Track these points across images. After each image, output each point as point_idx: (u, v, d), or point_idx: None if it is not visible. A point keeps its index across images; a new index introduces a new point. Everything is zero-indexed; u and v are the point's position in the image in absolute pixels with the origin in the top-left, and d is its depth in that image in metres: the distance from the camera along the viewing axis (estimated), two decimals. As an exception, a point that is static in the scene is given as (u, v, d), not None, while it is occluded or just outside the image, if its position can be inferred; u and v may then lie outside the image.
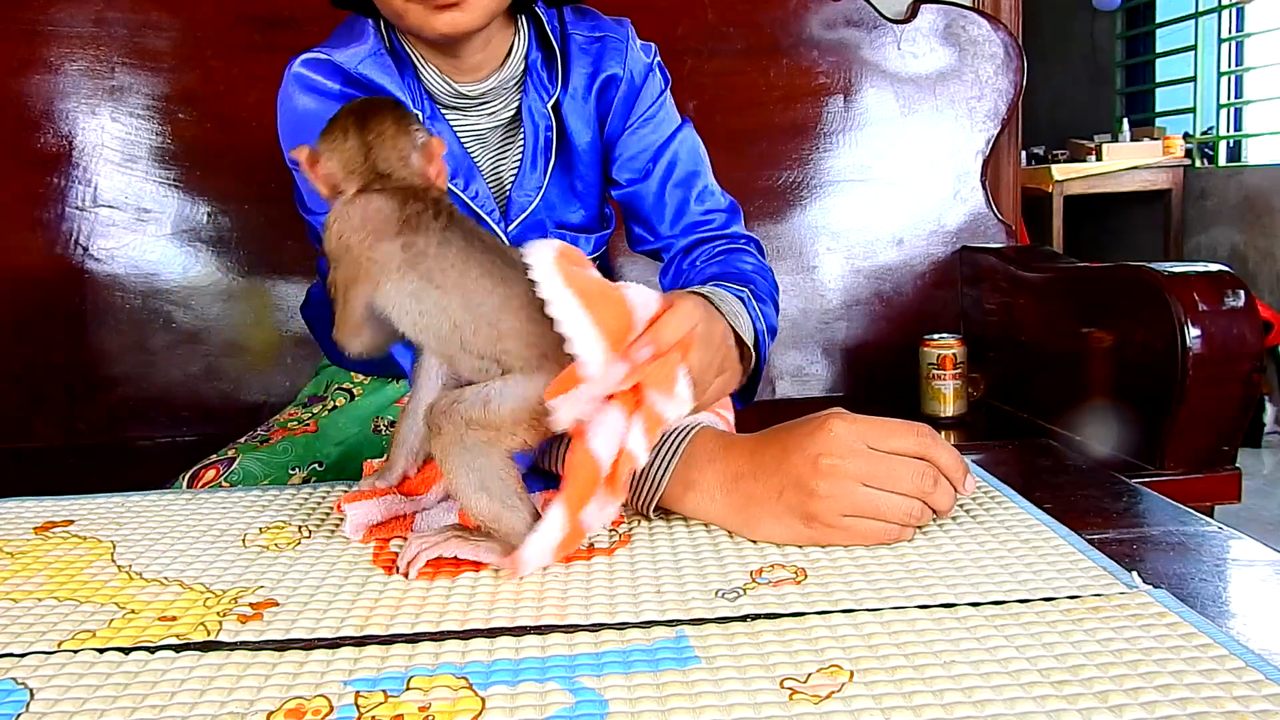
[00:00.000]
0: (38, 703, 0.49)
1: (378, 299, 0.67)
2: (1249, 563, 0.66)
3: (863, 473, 0.65)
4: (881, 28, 1.86)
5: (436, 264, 0.66)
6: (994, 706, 0.46)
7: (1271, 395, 3.31)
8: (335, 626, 0.57)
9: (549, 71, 0.98)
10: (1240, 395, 1.33)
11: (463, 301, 0.66)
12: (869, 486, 0.65)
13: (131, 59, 1.67)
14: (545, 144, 0.99)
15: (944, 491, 0.66)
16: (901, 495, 0.66)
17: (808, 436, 0.67)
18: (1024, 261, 1.73)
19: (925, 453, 0.66)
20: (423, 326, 0.67)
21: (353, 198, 0.67)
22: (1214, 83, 4.46)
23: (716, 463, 0.70)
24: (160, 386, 1.68)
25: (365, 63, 0.93)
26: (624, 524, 0.73)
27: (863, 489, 0.65)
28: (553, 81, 0.98)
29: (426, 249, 0.66)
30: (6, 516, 0.78)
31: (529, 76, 0.98)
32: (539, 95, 0.98)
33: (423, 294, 0.66)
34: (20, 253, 1.66)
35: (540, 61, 0.98)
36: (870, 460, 0.65)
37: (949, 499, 0.67)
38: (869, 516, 0.66)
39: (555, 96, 0.98)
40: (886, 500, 0.65)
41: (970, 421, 1.66)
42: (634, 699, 0.47)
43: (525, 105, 0.98)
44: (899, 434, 0.66)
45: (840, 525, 0.66)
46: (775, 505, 0.67)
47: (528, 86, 0.98)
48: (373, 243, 0.66)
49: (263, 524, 0.76)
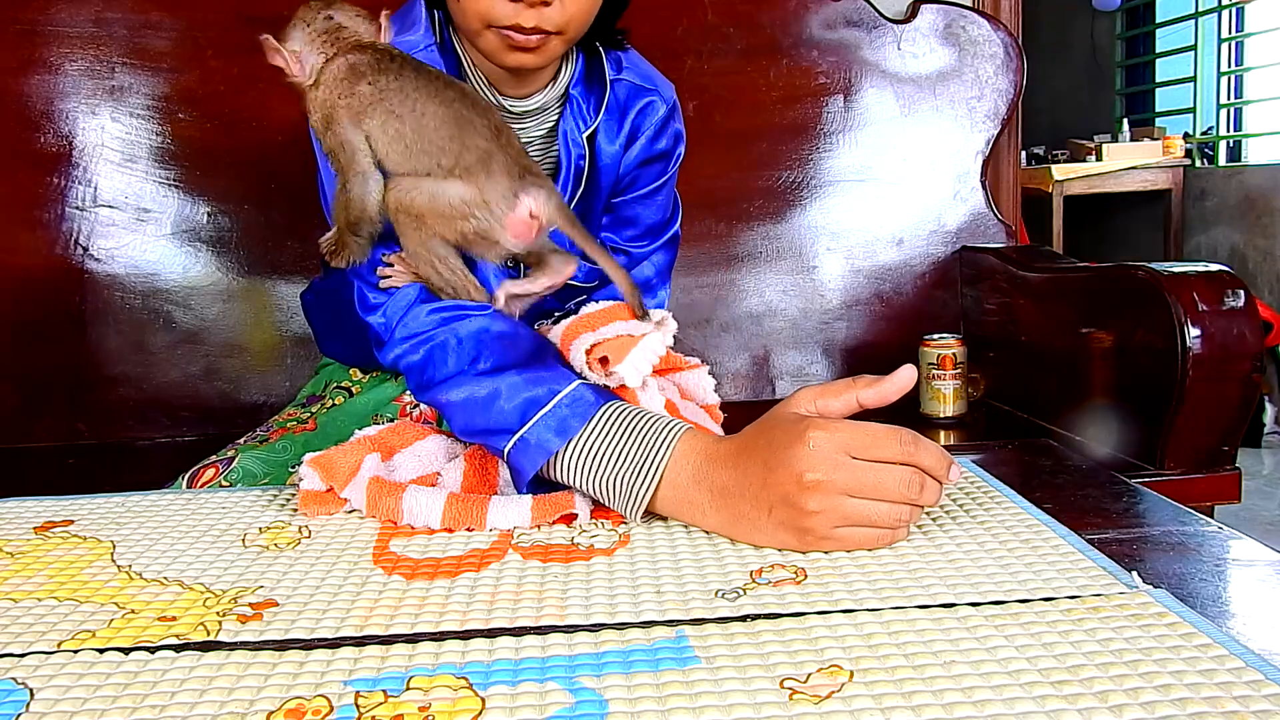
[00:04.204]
0: (38, 703, 0.49)
1: (360, 141, 0.83)
2: (1249, 563, 0.66)
3: (850, 485, 0.65)
4: (881, 28, 1.86)
5: (396, 97, 0.82)
6: (994, 706, 0.46)
7: (1271, 395, 3.31)
8: (335, 626, 0.57)
9: (588, 103, 1.00)
10: (1240, 395, 1.33)
11: (414, 125, 0.82)
12: (857, 497, 0.65)
13: (131, 59, 1.67)
14: (578, 170, 1.01)
15: (931, 490, 0.66)
16: (890, 502, 0.66)
17: (788, 450, 0.66)
18: (1024, 261, 1.73)
19: (909, 458, 0.66)
20: (389, 153, 0.83)
21: (327, 64, 0.85)
22: (1214, 83, 4.47)
23: (703, 480, 0.70)
24: (160, 386, 1.68)
25: (413, 53, 0.93)
26: (623, 525, 0.73)
27: (851, 501, 0.65)
28: (593, 112, 1.00)
29: (389, 85, 0.83)
30: (6, 516, 0.78)
31: (569, 105, 0.99)
32: (576, 123, 0.99)
33: (387, 124, 0.82)
34: (20, 253, 1.66)
35: (583, 92, 1.00)
36: (855, 471, 0.65)
37: (936, 495, 0.67)
38: (860, 525, 0.66)
39: (592, 128, 1.00)
40: (875, 509, 0.65)
41: (970, 421, 1.66)
42: (634, 699, 0.47)
43: (562, 129, 0.99)
44: (881, 442, 0.66)
45: (834, 536, 0.66)
46: (766, 522, 0.67)
47: (566, 113, 0.99)
48: (349, 89, 0.83)
49: (263, 524, 0.76)
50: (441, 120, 0.82)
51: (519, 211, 0.79)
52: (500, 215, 0.80)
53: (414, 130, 0.82)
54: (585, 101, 1.00)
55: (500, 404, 0.76)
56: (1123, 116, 5.02)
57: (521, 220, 0.79)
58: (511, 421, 0.75)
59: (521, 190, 0.80)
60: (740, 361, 1.84)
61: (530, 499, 0.74)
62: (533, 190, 0.80)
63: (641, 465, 0.72)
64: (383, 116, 0.82)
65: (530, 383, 0.76)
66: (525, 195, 0.80)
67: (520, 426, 0.75)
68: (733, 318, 1.84)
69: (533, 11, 0.85)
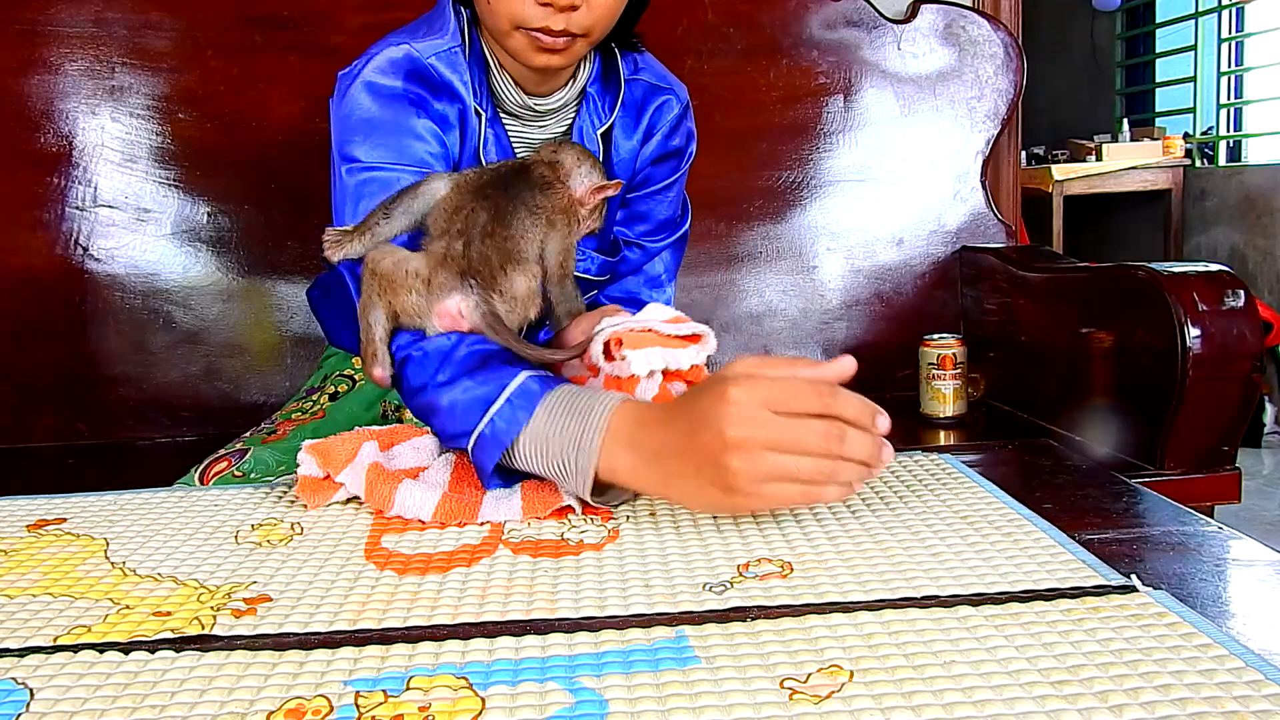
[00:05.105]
0: (38, 702, 0.49)
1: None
2: (1249, 563, 0.66)
3: (769, 440, 0.66)
4: (881, 28, 1.86)
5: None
6: (994, 706, 0.46)
7: (1271, 395, 3.31)
8: (329, 621, 0.57)
9: (604, 101, 1.05)
10: (1240, 395, 1.33)
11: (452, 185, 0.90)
12: (778, 452, 0.66)
13: (131, 59, 1.67)
14: None
15: (855, 442, 0.66)
16: (813, 456, 0.66)
17: (711, 409, 0.67)
18: (1024, 261, 1.73)
19: (827, 409, 0.66)
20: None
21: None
22: (1214, 83, 4.46)
23: (636, 445, 0.72)
24: (160, 386, 1.68)
25: (437, 56, 0.97)
26: (612, 520, 0.73)
27: (772, 456, 0.66)
28: (608, 110, 1.05)
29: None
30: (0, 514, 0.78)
31: (585, 102, 1.04)
32: (592, 120, 1.04)
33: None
34: (20, 253, 1.65)
35: (599, 90, 1.05)
36: (774, 426, 0.66)
37: (864, 447, 0.67)
38: (785, 480, 0.66)
39: (607, 124, 1.05)
40: (799, 463, 0.66)
41: (970, 421, 1.66)
42: (634, 699, 0.47)
43: (578, 126, 1.04)
44: (800, 395, 0.66)
45: (759, 493, 0.67)
46: (695, 480, 0.69)
47: (583, 110, 1.04)
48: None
49: (255, 521, 0.76)
50: (458, 191, 0.88)
51: (447, 305, 0.84)
52: (433, 301, 0.85)
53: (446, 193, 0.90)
54: (601, 100, 1.05)
55: (458, 409, 0.79)
56: (1123, 116, 5.02)
57: (447, 313, 0.84)
58: (469, 422, 0.78)
59: (460, 290, 0.84)
60: (740, 361, 1.84)
61: (520, 495, 0.75)
62: (471, 295, 0.84)
63: (580, 441, 0.74)
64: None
65: (481, 383, 0.80)
66: (459, 295, 0.84)
67: (477, 424, 0.77)
68: (733, 318, 1.84)
69: (561, 15, 0.89)
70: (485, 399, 0.78)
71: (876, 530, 0.69)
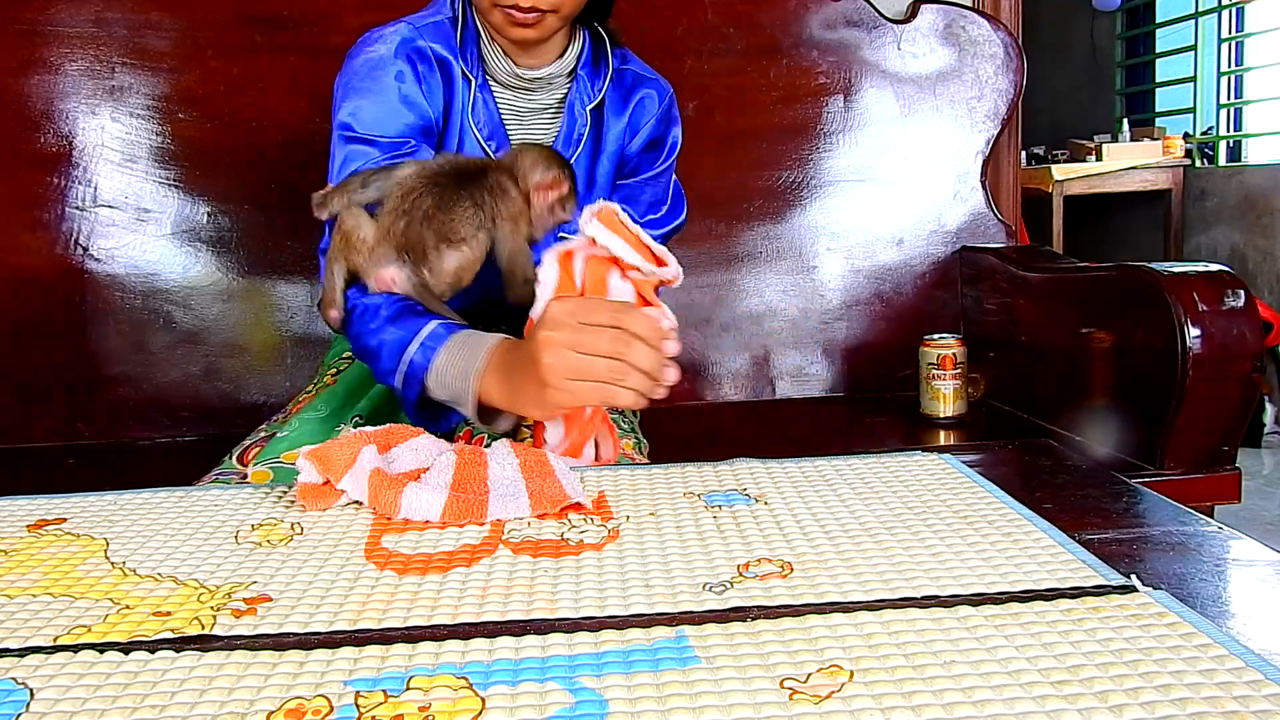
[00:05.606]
0: (38, 702, 0.49)
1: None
2: (1249, 563, 0.66)
3: (570, 341, 0.81)
4: (881, 28, 1.86)
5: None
6: (994, 706, 0.46)
7: (1271, 395, 3.31)
8: (329, 621, 0.57)
9: (593, 82, 1.17)
10: (1240, 395, 1.33)
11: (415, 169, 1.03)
12: (578, 353, 0.80)
13: (131, 59, 1.67)
14: (578, 138, 1.17)
15: (640, 353, 0.80)
16: (605, 358, 0.80)
17: (539, 322, 0.84)
18: (1024, 261, 1.73)
19: (617, 322, 0.80)
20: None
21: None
22: (1214, 83, 4.46)
23: (501, 367, 0.89)
24: (160, 386, 1.68)
25: (427, 28, 1.11)
26: (612, 520, 0.73)
27: (574, 355, 0.81)
28: (596, 90, 1.17)
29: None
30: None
31: (576, 82, 1.16)
32: (582, 98, 1.16)
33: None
34: (20, 253, 1.66)
35: (589, 72, 1.17)
36: (575, 331, 0.81)
37: (648, 359, 0.80)
38: (584, 378, 0.81)
39: (596, 100, 1.17)
40: (592, 363, 0.81)
41: (970, 421, 1.66)
42: (634, 699, 0.47)
43: (569, 101, 1.16)
44: (600, 310, 0.82)
45: (565, 388, 0.82)
46: (524, 379, 0.85)
47: (573, 88, 1.16)
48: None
49: (255, 521, 0.76)
50: (415, 176, 1.00)
51: (384, 274, 0.99)
52: (372, 268, 1.00)
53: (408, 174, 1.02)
54: (591, 80, 1.17)
55: (384, 351, 0.97)
56: (1123, 116, 5.02)
57: (383, 280, 1.00)
58: (394, 361, 0.95)
59: (395, 261, 0.99)
60: (740, 361, 1.84)
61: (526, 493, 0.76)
62: (405, 268, 0.99)
63: (465, 371, 0.91)
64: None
65: (401, 329, 0.96)
66: (394, 268, 0.99)
67: (398, 363, 0.94)
68: (733, 318, 1.84)
69: None
70: (403, 342, 0.94)
71: (876, 530, 0.69)
